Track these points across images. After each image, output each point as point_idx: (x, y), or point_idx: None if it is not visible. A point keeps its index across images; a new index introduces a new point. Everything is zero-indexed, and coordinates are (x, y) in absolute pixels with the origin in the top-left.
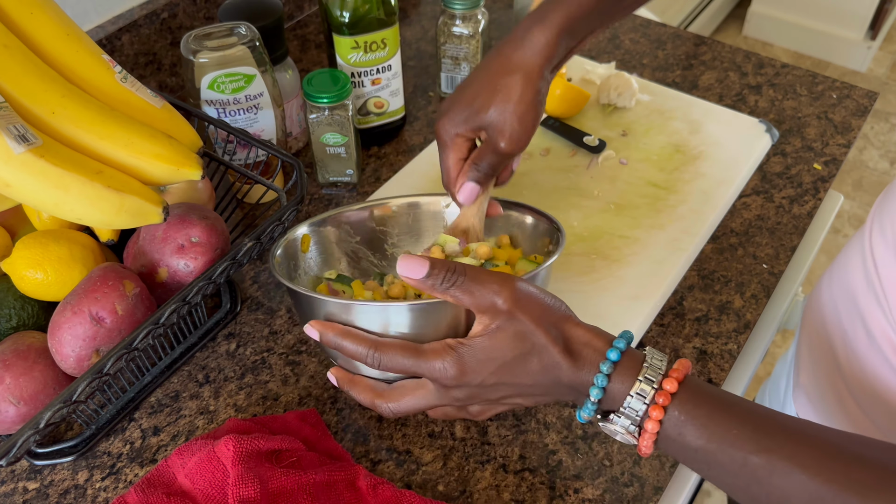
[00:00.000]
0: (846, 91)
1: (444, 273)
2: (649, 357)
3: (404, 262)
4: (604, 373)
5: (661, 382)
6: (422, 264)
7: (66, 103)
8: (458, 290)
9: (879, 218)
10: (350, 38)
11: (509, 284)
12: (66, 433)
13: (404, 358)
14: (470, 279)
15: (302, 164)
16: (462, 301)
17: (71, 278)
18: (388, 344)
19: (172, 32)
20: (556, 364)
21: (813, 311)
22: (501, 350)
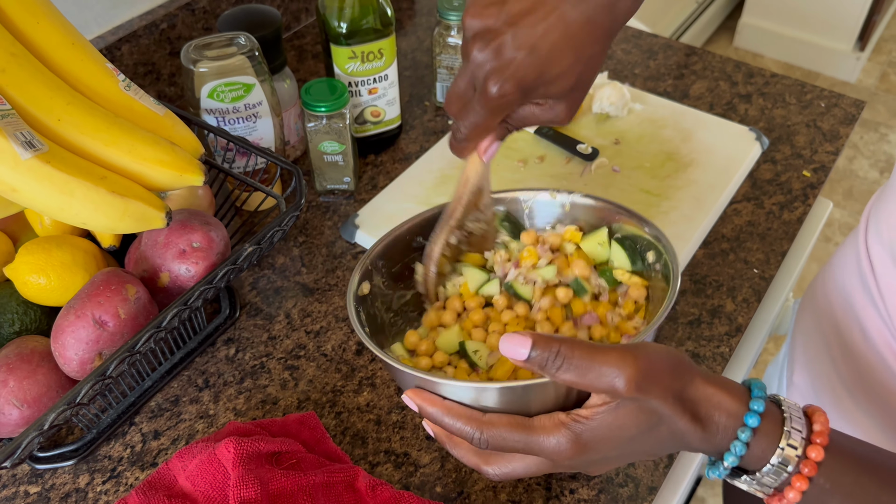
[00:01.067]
0: (834, 100)
1: (548, 354)
2: (788, 415)
3: (507, 340)
4: (742, 441)
5: (806, 450)
6: (524, 342)
7: (71, 110)
8: (568, 373)
9: (875, 218)
10: (347, 48)
11: (629, 363)
12: (67, 437)
13: (513, 436)
14: (578, 363)
15: (301, 170)
16: (574, 384)
17: (73, 283)
18: (494, 422)
19: (171, 43)
20: (687, 433)
21: (807, 311)
22: (625, 427)
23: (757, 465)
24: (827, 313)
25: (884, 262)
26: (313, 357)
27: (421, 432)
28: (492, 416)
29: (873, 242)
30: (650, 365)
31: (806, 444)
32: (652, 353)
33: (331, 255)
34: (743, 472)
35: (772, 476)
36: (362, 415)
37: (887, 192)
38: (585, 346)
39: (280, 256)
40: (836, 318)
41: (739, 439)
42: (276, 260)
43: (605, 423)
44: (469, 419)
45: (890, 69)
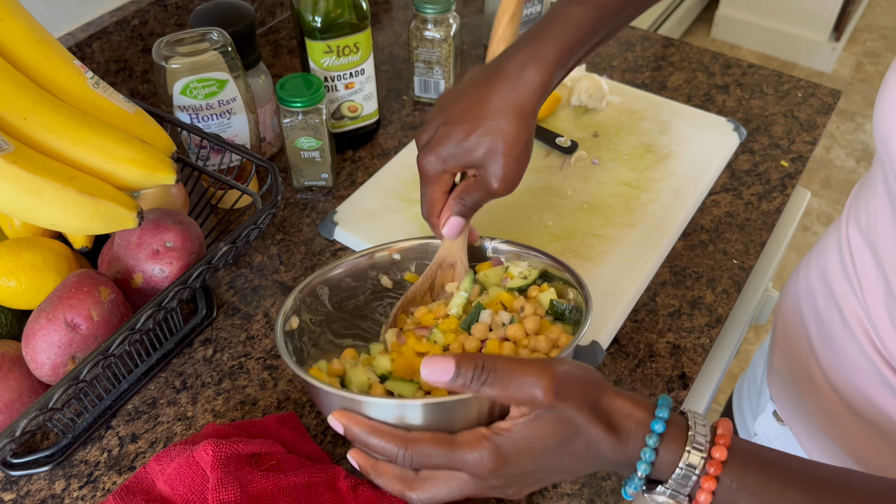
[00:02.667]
0: (811, 90)
1: (472, 371)
2: (692, 423)
3: (428, 366)
4: (651, 446)
5: (710, 451)
6: (447, 365)
7: (37, 109)
8: (491, 387)
9: (855, 207)
10: (323, 43)
11: (547, 374)
12: (41, 442)
13: (437, 452)
14: (502, 374)
15: (277, 167)
16: (496, 398)
17: (45, 286)
18: (418, 439)
19: (143, 39)
20: (600, 441)
21: (790, 296)
22: (543, 438)
23: (668, 472)
24: (808, 298)
25: (861, 250)
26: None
27: None
28: (416, 434)
29: (853, 231)
30: (567, 376)
31: (710, 446)
32: (568, 366)
33: (309, 252)
34: (658, 484)
35: (682, 481)
36: None
37: (867, 182)
38: (506, 359)
39: (258, 255)
40: (817, 304)
41: (648, 445)
42: (253, 258)
43: (524, 434)
44: (393, 437)
45: (865, 59)
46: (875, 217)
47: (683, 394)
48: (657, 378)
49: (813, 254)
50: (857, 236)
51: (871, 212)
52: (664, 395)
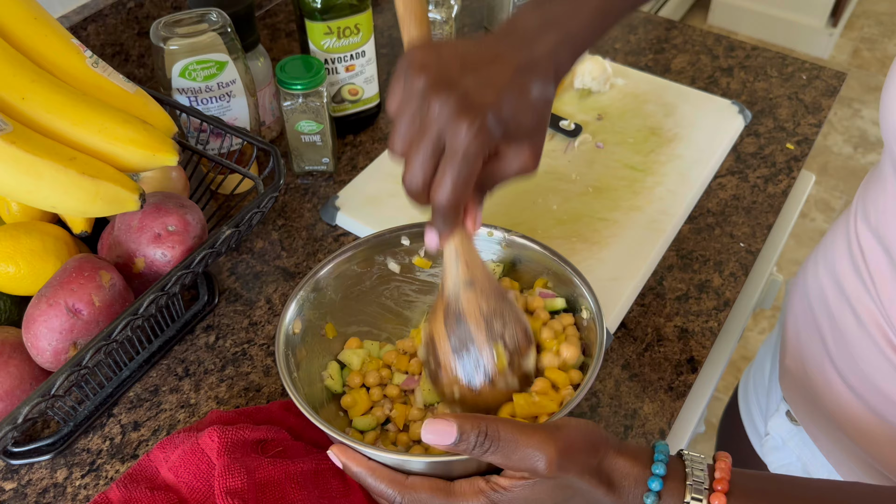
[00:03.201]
0: (815, 72)
1: (475, 438)
2: (689, 469)
3: (430, 429)
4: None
5: (710, 498)
6: (449, 430)
7: (36, 88)
8: (494, 455)
9: (863, 203)
10: (323, 24)
11: (550, 447)
12: (42, 431)
13: (433, 499)
14: (504, 444)
15: (278, 150)
16: (499, 465)
17: (45, 271)
18: (416, 486)
19: (139, 22)
20: (600, 499)
21: (799, 296)
22: (542, 501)
23: None
24: (819, 297)
25: (872, 246)
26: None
27: None
28: (414, 480)
29: (862, 227)
30: (569, 445)
31: (709, 492)
32: (572, 432)
33: (311, 238)
34: None
35: None
36: None
37: (875, 177)
38: (510, 425)
39: (259, 240)
40: (828, 303)
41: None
42: (254, 244)
43: (523, 496)
44: (392, 482)
45: (862, 45)
46: (886, 213)
47: (692, 378)
48: (665, 362)
49: (819, 251)
50: (866, 233)
51: (880, 208)
52: (661, 444)
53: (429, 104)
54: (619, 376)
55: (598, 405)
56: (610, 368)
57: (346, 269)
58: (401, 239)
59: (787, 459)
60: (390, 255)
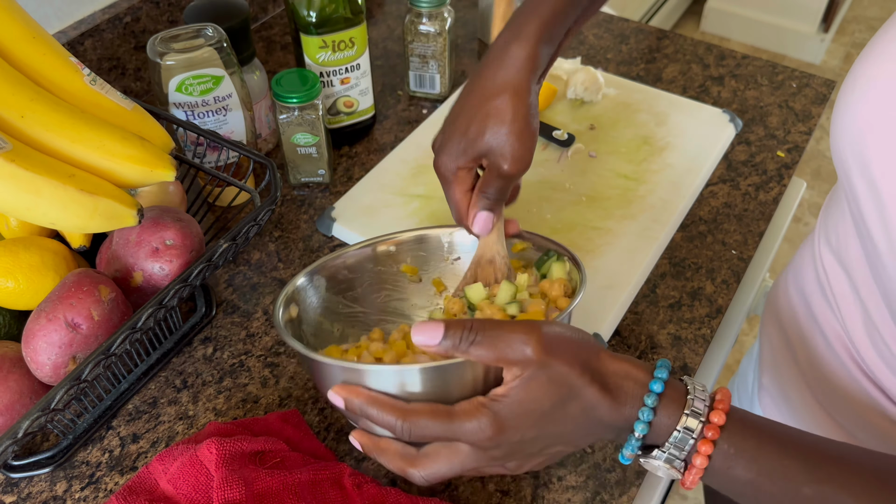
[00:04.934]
0: (805, 80)
1: (461, 333)
2: (691, 387)
3: (418, 330)
4: (649, 406)
5: (709, 415)
6: (435, 329)
7: (35, 107)
8: (480, 347)
9: (825, 226)
10: (318, 38)
11: (535, 331)
12: (42, 444)
13: (435, 424)
14: (489, 334)
15: (274, 163)
16: (487, 358)
17: (43, 286)
18: (417, 410)
19: (136, 37)
20: (597, 403)
21: (772, 313)
22: (538, 400)
23: (665, 435)
24: (790, 318)
25: (834, 268)
26: (294, 353)
27: None
28: (415, 406)
29: (825, 249)
30: (556, 335)
31: (709, 410)
32: (557, 326)
33: (308, 249)
34: (654, 449)
35: (679, 445)
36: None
37: (834, 201)
38: (494, 321)
39: (256, 252)
40: (799, 324)
41: (646, 405)
42: (251, 256)
43: (520, 397)
44: (392, 408)
45: (854, 50)
46: (845, 238)
47: None
48: None
49: (790, 270)
50: (829, 255)
51: (840, 232)
52: (663, 359)
53: None
54: None
55: None
56: None
57: (336, 273)
58: (389, 247)
59: None
60: (378, 263)
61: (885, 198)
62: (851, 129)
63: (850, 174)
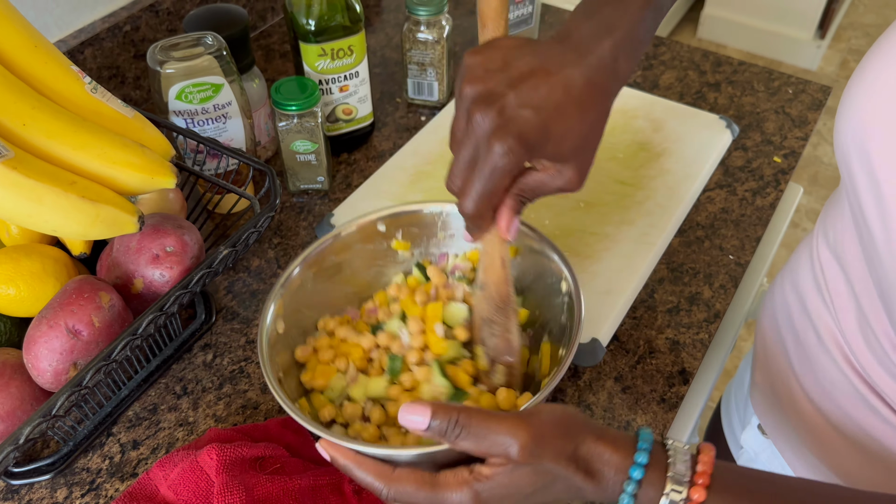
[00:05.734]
0: (801, 86)
1: (447, 424)
2: (673, 461)
3: (405, 411)
4: (629, 493)
5: (689, 492)
6: (423, 414)
7: (36, 115)
8: (466, 441)
9: (824, 224)
10: (317, 46)
11: (521, 433)
12: (42, 451)
13: (419, 492)
14: (475, 431)
15: (274, 170)
16: (471, 451)
17: (44, 293)
18: (402, 477)
19: (136, 45)
20: (582, 487)
21: (767, 312)
22: (523, 486)
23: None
24: (784, 314)
25: (831, 265)
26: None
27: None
28: (400, 473)
29: (822, 247)
30: (541, 431)
31: (690, 485)
32: (545, 417)
33: None
34: None
35: None
36: None
37: (834, 199)
38: (481, 414)
39: (255, 259)
40: (793, 320)
41: (626, 492)
42: (251, 262)
43: (504, 483)
44: (378, 475)
45: (850, 56)
46: (842, 234)
47: (684, 389)
48: (657, 374)
49: (787, 269)
50: (826, 252)
51: (838, 229)
52: (645, 431)
53: (471, 115)
54: (612, 388)
55: (592, 417)
56: (603, 381)
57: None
58: (377, 225)
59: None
60: (367, 243)
61: (883, 188)
62: (854, 122)
63: (851, 166)
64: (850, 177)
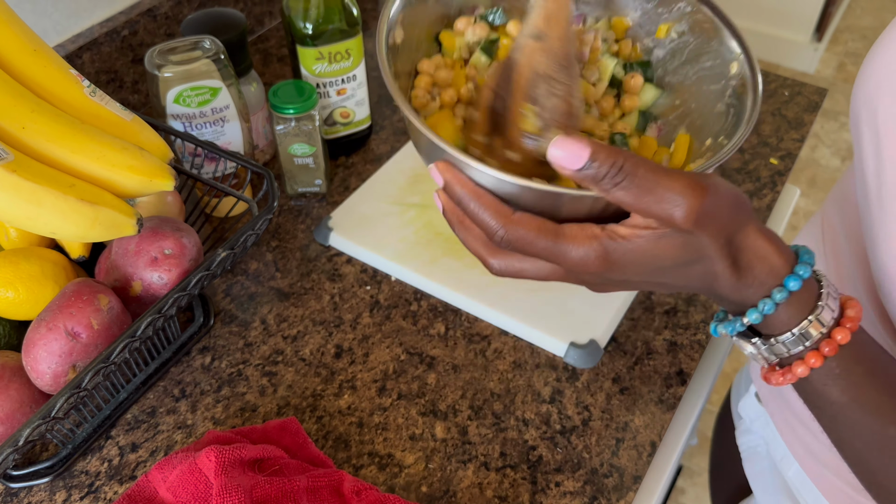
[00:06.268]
0: (797, 88)
1: (608, 167)
2: (825, 292)
3: (558, 145)
4: (775, 300)
5: (833, 330)
6: (580, 151)
7: (36, 118)
8: (625, 192)
9: (832, 204)
10: (314, 49)
11: (697, 194)
12: (41, 454)
13: (539, 240)
14: (642, 181)
15: (272, 173)
16: (628, 205)
17: (43, 296)
18: (522, 221)
19: (133, 50)
20: (721, 275)
21: None
22: (662, 257)
23: (776, 330)
24: None
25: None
26: (291, 362)
27: (404, 433)
28: (521, 216)
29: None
30: (716, 200)
31: (834, 324)
32: (721, 188)
33: (305, 258)
34: (755, 335)
35: (787, 345)
36: (344, 418)
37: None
38: (650, 164)
39: (253, 262)
40: None
41: (773, 298)
42: (249, 266)
43: (642, 248)
44: (497, 213)
45: (847, 59)
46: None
47: (682, 390)
48: (655, 375)
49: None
50: (833, 216)
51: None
52: (807, 248)
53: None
54: (611, 390)
55: (590, 419)
56: (601, 382)
57: None
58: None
59: (755, 442)
60: None
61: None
62: (869, 83)
63: (860, 124)
64: (858, 136)
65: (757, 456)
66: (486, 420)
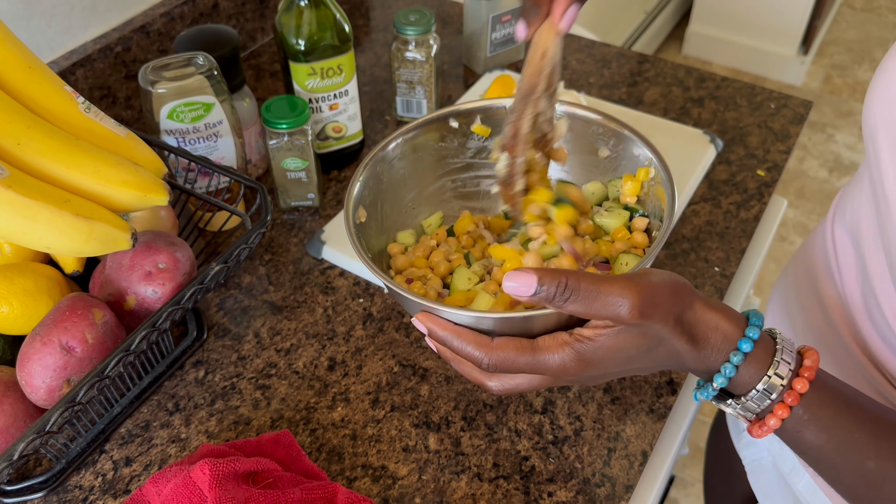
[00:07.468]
0: (783, 101)
1: (555, 288)
2: (780, 347)
3: (510, 279)
4: (733, 364)
5: (792, 381)
6: (529, 280)
7: (31, 134)
8: (574, 305)
9: (842, 203)
10: (306, 65)
11: (632, 292)
12: (35, 469)
13: (520, 358)
14: (587, 290)
15: (265, 187)
16: (580, 313)
17: (37, 311)
18: (502, 345)
19: (127, 66)
20: (682, 352)
21: (778, 291)
22: (628, 348)
23: (743, 389)
24: (794, 293)
25: (844, 242)
26: (285, 375)
27: (397, 444)
28: (500, 341)
29: (838, 225)
30: (652, 292)
31: (793, 375)
32: (655, 279)
33: (298, 272)
34: (729, 397)
35: (755, 402)
36: (337, 430)
37: (854, 180)
38: (589, 276)
39: (246, 276)
40: (802, 297)
41: (731, 362)
42: (242, 279)
43: (607, 344)
44: (478, 344)
45: (833, 72)
46: (859, 210)
47: (672, 399)
48: (645, 385)
49: (799, 253)
50: (840, 230)
51: (855, 204)
52: (756, 311)
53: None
54: (601, 400)
55: (582, 429)
56: (592, 392)
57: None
58: (448, 121)
59: (759, 454)
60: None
61: None
62: (885, 94)
63: (877, 137)
64: (875, 149)
65: (762, 469)
66: (479, 431)
